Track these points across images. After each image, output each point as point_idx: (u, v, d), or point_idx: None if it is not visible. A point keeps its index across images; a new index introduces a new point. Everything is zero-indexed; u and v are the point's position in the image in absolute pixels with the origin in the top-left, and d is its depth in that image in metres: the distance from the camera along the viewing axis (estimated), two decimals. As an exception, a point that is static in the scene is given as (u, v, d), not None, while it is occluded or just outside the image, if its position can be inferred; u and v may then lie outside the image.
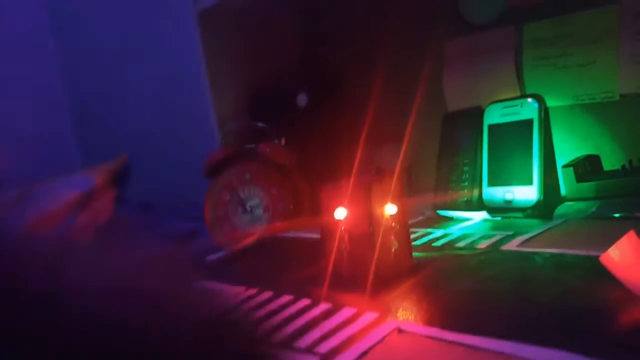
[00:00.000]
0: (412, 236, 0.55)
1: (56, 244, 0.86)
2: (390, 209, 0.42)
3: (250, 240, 0.65)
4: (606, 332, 0.28)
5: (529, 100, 0.62)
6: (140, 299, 0.31)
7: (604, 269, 0.32)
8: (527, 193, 0.61)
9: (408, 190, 0.80)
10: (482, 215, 0.63)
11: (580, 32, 0.63)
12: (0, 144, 1.36)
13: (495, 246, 0.47)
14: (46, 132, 1.48)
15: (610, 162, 0.64)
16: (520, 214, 0.61)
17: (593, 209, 0.57)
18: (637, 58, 0.58)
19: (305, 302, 0.40)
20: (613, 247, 0.31)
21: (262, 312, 0.39)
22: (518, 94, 0.69)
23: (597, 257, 0.32)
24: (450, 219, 0.65)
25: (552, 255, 0.43)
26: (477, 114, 0.68)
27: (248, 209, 0.74)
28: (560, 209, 0.60)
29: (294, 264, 0.53)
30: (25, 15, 1.48)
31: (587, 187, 0.60)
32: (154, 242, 0.98)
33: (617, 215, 0.55)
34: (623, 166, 0.60)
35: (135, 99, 1.25)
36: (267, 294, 0.43)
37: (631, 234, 0.32)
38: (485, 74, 0.72)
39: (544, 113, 0.62)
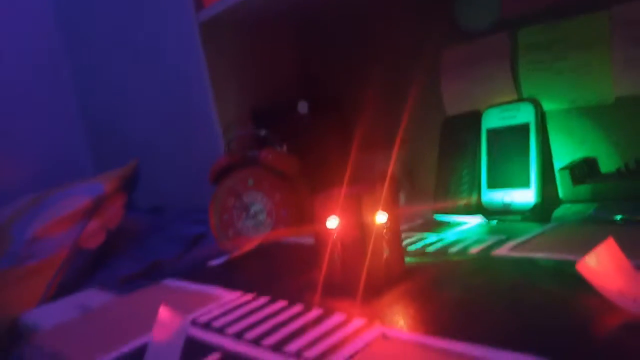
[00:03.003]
0: (407, 241, 0.57)
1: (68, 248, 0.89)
2: (380, 217, 0.44)
3: (251, 245, 0.66)
4: (580, 339, 0.29)
5: (525, 103, 0.63)
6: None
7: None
8: (525, 196, 0.62)
9: (409, 194, 0.81)
10: (478, 219, 0.64)
11: (572, 38, 0.63)
12: (17, 154, 1.40)
13: (486, 251, 0.48)
14: (60, 140, 1.52)
15: (607, 164, 0.64)
16: (518, 217, 0.62)
17: (590, 212, 0.58)
18: (630, 62, 0.58)
19: (298, 308, 0.41)
20: (590, 254, 0.32)
21: (256, 316, 0.41)
22: (515, 98, 0.70)
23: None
24: (447, 223, 0.66)
25: (541, 260, 0.44)
26: (476, 118, 0.69)
27: (252, 214, 0.75)
28: (558, 212, 0.61)
29: (292, 269, 0.55)
30: (39, 35, 1.52)
31: (584, 189, 0.61)
32: (162, 245, 1.01)
33: (617, 218, 0.55)
34: (619, 169, 0.61)
35: (143, 109, 1.28)
36: (263, 300, 0.45)
37: (609, 242, 0.33)
38: (483, 79, 0.72)
39: (541, 117, 0.62)
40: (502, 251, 0.48)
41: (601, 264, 0.32)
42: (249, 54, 0.89)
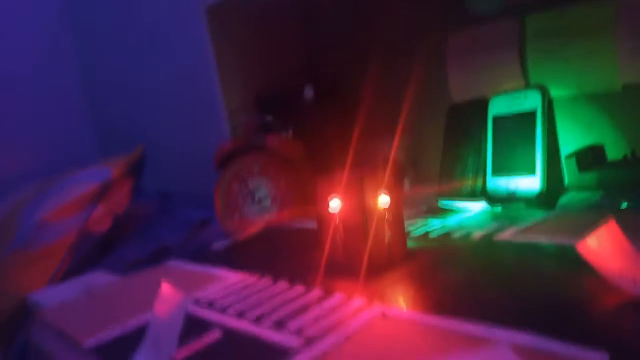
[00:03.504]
0: (410, 227, 0.57)
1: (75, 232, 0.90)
2: (383, 200, 0.44)
3: (255, 229, 0.67)
4: (578, 319, 0.29)
5: (533, 90, 0.63)
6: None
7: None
8: (530, 183, 0.61)
9: (413, 181, 0.81)
10: (482, 205, 0.64)
11: (580, 24, 0.62)
12: (25, 141, 1.41)
13: (489, 236, 0.48)
14: (66, 127, 1.53)
15: (615, 151, 0.64)
16: (523, 204, 0.62)
17: (596, 199, 0.58)
18: (636, 50, 0.58)
19: (300, 288, 0.41)
20: (590, 235, 0.32)
21: (259, 296, 0.41)
22: (523, 85, 0.69)
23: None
24: (451, 209, 0.66)
25: (542, 244, 0.43)
26: (482, 105, 0.69)
27: (257, 199, 0.76)
28: (564, 199, 0.61)
29: (295, 252, 0.55)
30: (45, 22, 1.52)
31: (590, 177, 0.61)
32: (169, 230, 1.02)
33: (623, 205, 0.55)
34: (625, 156, 0.61)
35: (149, 95, 1.28)
36: (266, 280, 0.45)
37: (611, 224, 0.33)
38: (490, 65, 0.72)
39: (548, 103, 0.62)
40: (505, 236, 0.48)
41: (602, 246, 0.32)
42: (254, 40, 0.88)
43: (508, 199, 0.63)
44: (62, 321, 0.44)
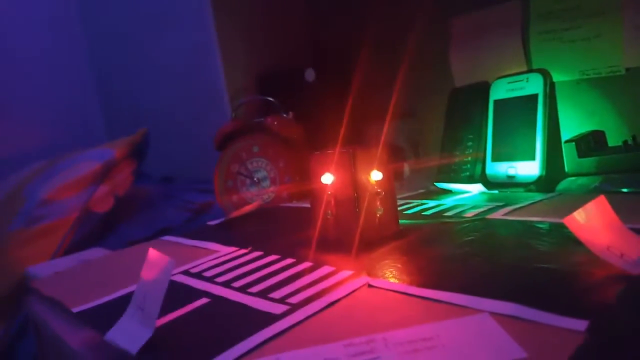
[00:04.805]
0: (406, 206, 0.57)
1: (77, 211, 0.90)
2: (375, 175, 0.44)
3: (251, 207, 0.67)
4: (560, 290, 0.29)
5: (535, 74, 0.62)
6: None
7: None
8: (529, 168, 0.61)
9: (413, 164, 0.80)
10: (479, 187, 0.64)
11: (585, 6, 0.62)
12: (32, 121, 1.42)
13: (481, 215, 0.48)
14: (73, 109, 1.54)
15: (616, 136, 0.63)
16: (521, 189, 0.61)
17: (595, 184, 0.57)
18: (640, 31, 0.57)
19: (289, 261, 0.42)
20: (579, 210, 0.32)
21: (247, 267, 0.41)
22: (525, 69, 0.69)
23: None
24: (449, 191, 0.66)
25: (534, 222, 0.43)
26: (484, 89, 0.68)
27: (255, 179, 0.76)
28: (563, 184, 0.60)
29: (289, 229, 0.55)
30: (52, 3, 1.53)
31: (589, 162, 0.60)
32: (170, 213, 1.02)
33: (623, 190, 0.54)
34: (625, 142, 0.60)
35: (154, 76, 1.28)
36: (256, 254, 0.45)
37: (600, 199, 0.33)
38: (492, 49, 0.71)
39: (550, 88, 0.61)
40: (497, 215, 0.47)
41: (590, 221, 0.32)
42: (257, 23, 0.88)
43: (507, 184, 0.62)
44: (55, 289, 0.45)
